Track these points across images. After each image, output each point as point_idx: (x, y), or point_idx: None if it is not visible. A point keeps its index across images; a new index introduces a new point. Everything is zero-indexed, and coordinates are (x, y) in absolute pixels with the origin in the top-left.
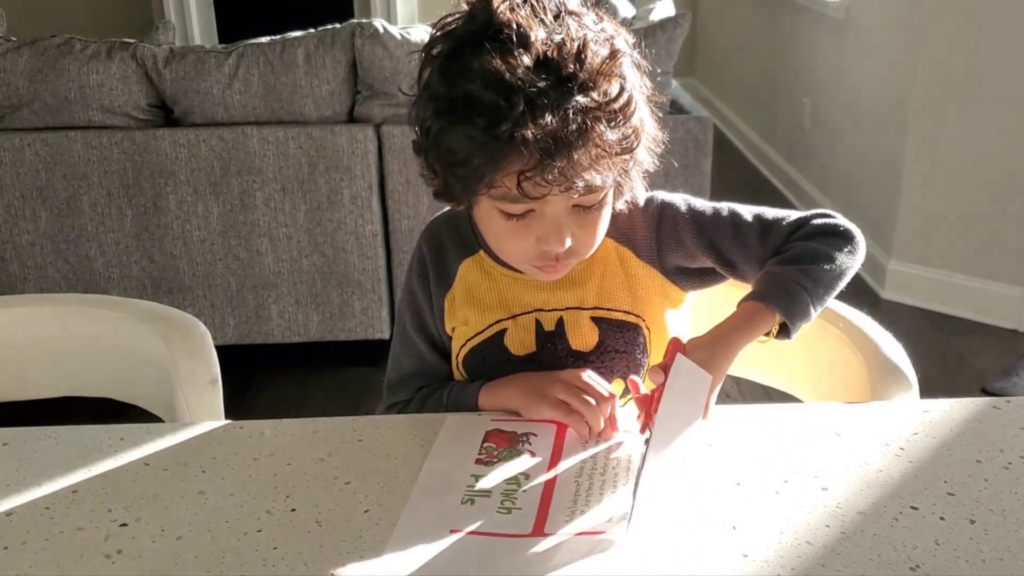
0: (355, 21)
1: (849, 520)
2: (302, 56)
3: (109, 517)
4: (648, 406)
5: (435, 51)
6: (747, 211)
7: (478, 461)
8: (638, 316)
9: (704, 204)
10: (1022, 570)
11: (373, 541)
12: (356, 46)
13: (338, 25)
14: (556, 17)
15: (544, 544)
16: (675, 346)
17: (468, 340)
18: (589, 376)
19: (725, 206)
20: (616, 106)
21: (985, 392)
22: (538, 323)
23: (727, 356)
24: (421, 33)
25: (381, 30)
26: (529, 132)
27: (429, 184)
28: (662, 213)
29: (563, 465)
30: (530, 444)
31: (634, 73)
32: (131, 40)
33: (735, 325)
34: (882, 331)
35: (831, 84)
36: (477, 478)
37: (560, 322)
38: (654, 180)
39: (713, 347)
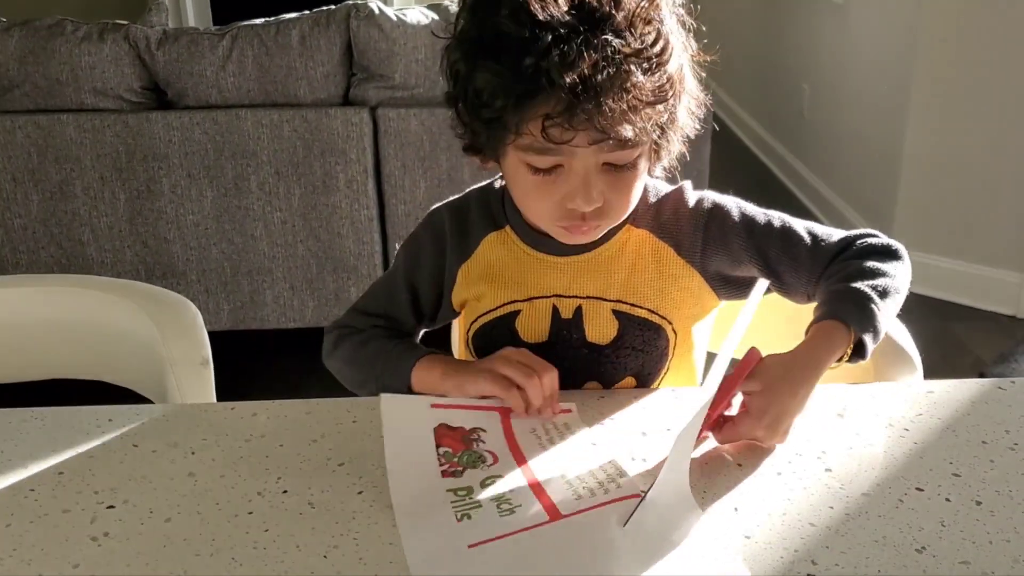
0: (350, 2)
1: (853, 501)
2: (297, 38)
3: (96, 499)
4: (726, 393)
5: None
6: (798, 223)
7: (444, 474)
8: (663, 317)
9: (756, 210)
10: None
11: (367, 523)
12: (351, 27)
13: (333, 6)
14: None
15: (571, 524)
16: (753, 355)
17: (479, 316)
18: (530, 354)
19: (776, 215)
20: (652, 52)
21: (983, 377)
22: (555, 309)
23: (809, 378)
24: (417, 15)
25: (377, 11)
26: (555, 69)
27: (459, 138)
28: (712, 213)
29: (531, 456)
30: (483, 442)
31: (675, 24)
32: (123, 22)
33: (814, 345)
34: None
35: (830, 70)
36: (455, 492)
37: (578, 310)
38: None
39: (792, 368)
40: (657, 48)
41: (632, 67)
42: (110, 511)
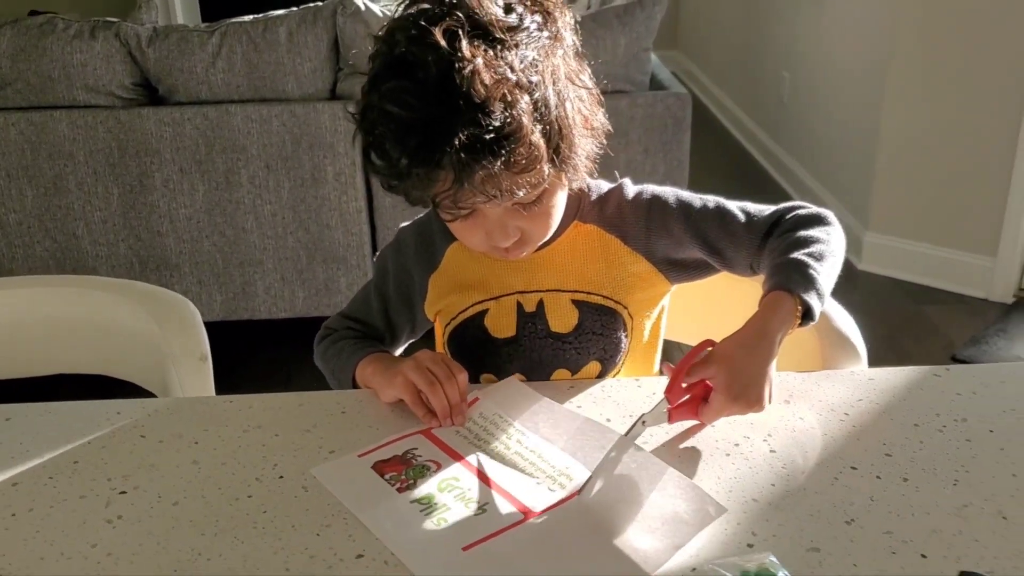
0: None
1: (793, 479)
2: (284, 34)
3: (109, 486)
4: (675, 378)
5: (369, 67)
6: (732, 203)
7: (400, 490)
8: (617, 302)
9: (691, 196)
10: (948, 523)
11: None
12: (338, 24)
13: (320, 3)
14: (452, 39)
15: (548, 521)
16: (703, 344)
17: (452, 319)
18: (441, 358)
19: (711, 198)
20: (507, 131)
21: (955, 359)
22: (519, 304)
23: (760, 342)
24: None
25: (363, 7)
26: (422, 168)
27: None
28: (652, 203)
29: (467, 454)
30: (421, 456)
31: (561, 59)
32: (114, 19)
33: (764, 317)
34: (834, 304)
35: (810, 57)
36: (420, 502)
37: (540, 304)
38: (632, 156)
39: (742, 338)
40: (511, 127)
41: (496, 146)
42: (123, 496)
